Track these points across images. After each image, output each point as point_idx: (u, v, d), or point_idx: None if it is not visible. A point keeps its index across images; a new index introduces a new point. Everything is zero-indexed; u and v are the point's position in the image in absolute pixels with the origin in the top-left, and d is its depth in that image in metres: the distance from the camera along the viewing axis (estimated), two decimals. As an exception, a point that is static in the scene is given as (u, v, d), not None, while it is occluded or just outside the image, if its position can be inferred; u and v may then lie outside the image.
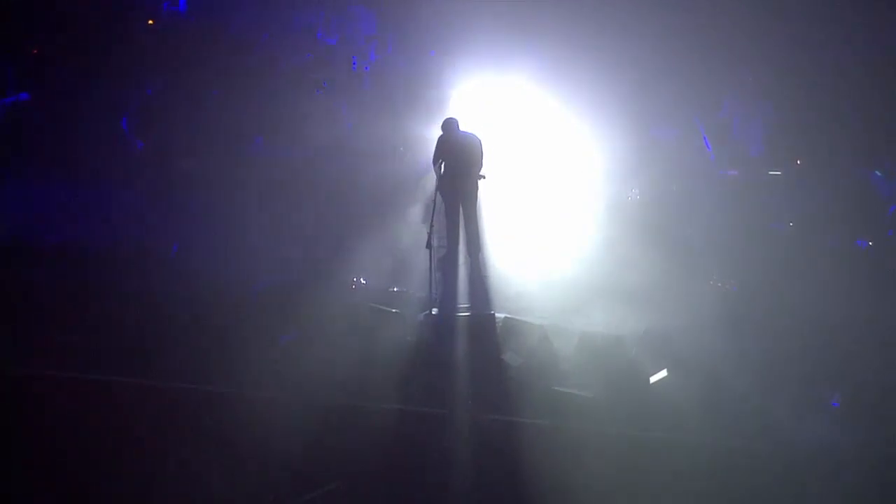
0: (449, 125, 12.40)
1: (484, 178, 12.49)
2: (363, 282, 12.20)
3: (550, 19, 14.40)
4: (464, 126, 12.56)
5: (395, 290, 11.84)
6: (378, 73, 15.74)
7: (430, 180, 11.81)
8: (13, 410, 8.64)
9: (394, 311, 11.08)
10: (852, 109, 13.82)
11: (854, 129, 13.76)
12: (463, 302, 11.62)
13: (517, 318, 10.98)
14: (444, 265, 12.28)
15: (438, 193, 12.00)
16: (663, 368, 9.86)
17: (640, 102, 13.96)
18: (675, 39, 13.98)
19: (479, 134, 12.66)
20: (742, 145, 14.86)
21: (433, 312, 11.10)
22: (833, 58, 14.12)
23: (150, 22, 16.17)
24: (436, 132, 12.58)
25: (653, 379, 9.77)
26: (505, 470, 8.10)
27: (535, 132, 14.29)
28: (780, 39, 14.12)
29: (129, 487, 7.50)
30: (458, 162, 12.30)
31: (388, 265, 12.40)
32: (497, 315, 11.09)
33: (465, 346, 10.51)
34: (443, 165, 12.22)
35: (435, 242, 11.37)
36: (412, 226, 12.98)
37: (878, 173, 13.86)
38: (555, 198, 13.92)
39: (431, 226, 11.21)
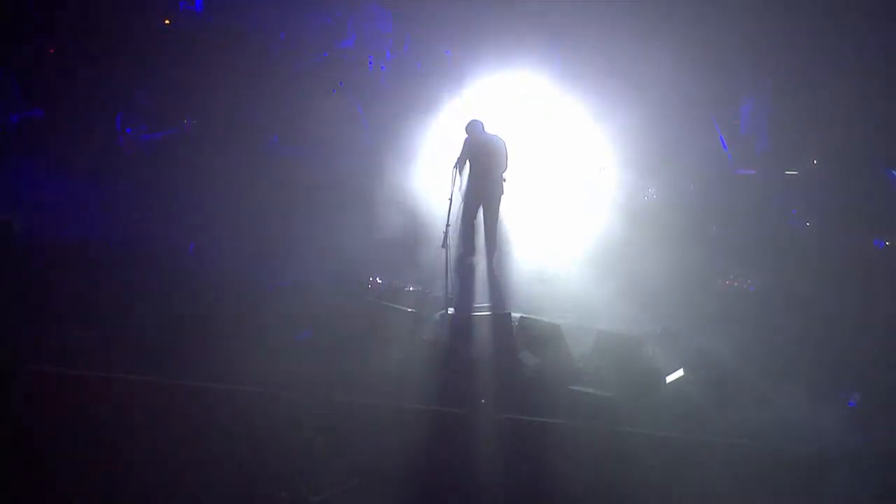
0: (474, 127, 12.22)
1: (505, 180, 12.38)
2: (379, 281, 12.21)
3: (566, 19, 14.38)
4: (488, 127, 12.45)
5: (411, 289, 11.83)
6: (394, 73, 15.72)
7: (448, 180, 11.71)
8: (29, 408, 8.68)
9: (410, 310, 11.09)
10: (868, 108, 13.75)
11: (870, 128, 13.69)
12: (479, 301, 11.59)
13: (533, 317, 10.98)
14: (460, 265, 12.24)
15: (457, 193, 11.89)
16: (680, 368, 9.85)
17: (656, 102, 13.90)
18: (692, 38, 13.92)
19: (503, 135, 12.54)
20: (758, 144, 14.81)
21: (449, 312, 11.09)
22: (849, 55, 14.03)
23: (167, 21, 16.18)
24: (452, 133, 12.50)
25: (669, 378, 9.77)
26: (521, 469, 8.11)
27: (550, 132, 14.25)
28: (796, 38, 14.06)
29: (143, 486, 7.54)
30: (484, 164, 12.19)
31: (403, 264, 12.39)
32: (513, 314, 11.08)
33: (481, 346, 10.52)
34: (468, 167, 12.11)
35: (450, 242, 11.35)
36: (429, 225, 12.96)
37: (895, 172, 13.78)
38: (570, 197, 13.88)
39: (448, 225, 11.21)
